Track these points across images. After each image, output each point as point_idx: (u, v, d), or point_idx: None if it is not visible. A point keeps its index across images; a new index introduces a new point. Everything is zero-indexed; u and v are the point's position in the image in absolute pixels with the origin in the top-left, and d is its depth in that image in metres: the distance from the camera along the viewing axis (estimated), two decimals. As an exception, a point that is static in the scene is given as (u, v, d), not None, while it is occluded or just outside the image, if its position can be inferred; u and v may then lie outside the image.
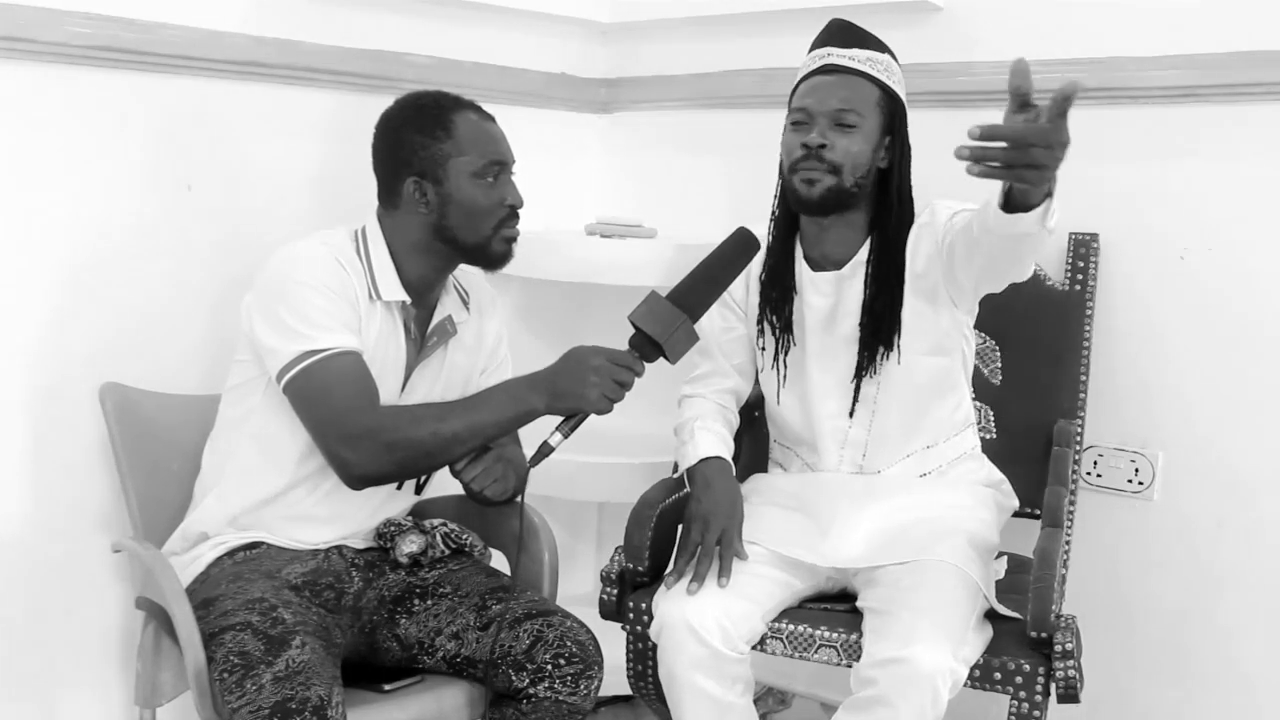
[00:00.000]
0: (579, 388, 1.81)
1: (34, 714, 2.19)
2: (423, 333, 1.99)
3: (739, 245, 1.90)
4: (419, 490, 2.08)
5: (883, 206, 2.03)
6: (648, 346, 1.83)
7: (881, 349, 2.01)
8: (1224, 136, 2.21)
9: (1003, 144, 1.54)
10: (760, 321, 2.11)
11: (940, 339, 2.04)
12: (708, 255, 1.89)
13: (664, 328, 1.81)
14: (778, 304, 2.08)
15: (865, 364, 2.03)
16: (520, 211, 1.96)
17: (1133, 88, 2.26)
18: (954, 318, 2.03)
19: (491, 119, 1.97)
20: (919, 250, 2.02)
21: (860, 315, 2.03)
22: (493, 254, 1.96)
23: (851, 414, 2.06)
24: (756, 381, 2.20)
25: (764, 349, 2.12)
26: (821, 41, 2.06)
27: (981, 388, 2.29)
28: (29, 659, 2.16)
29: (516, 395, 1.86)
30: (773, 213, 2.11)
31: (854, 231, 2.05)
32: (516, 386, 1.87)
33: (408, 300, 1.95)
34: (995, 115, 2.37)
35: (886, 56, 2.03)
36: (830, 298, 2.06)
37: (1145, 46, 2.24)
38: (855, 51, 2.01)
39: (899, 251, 2.02)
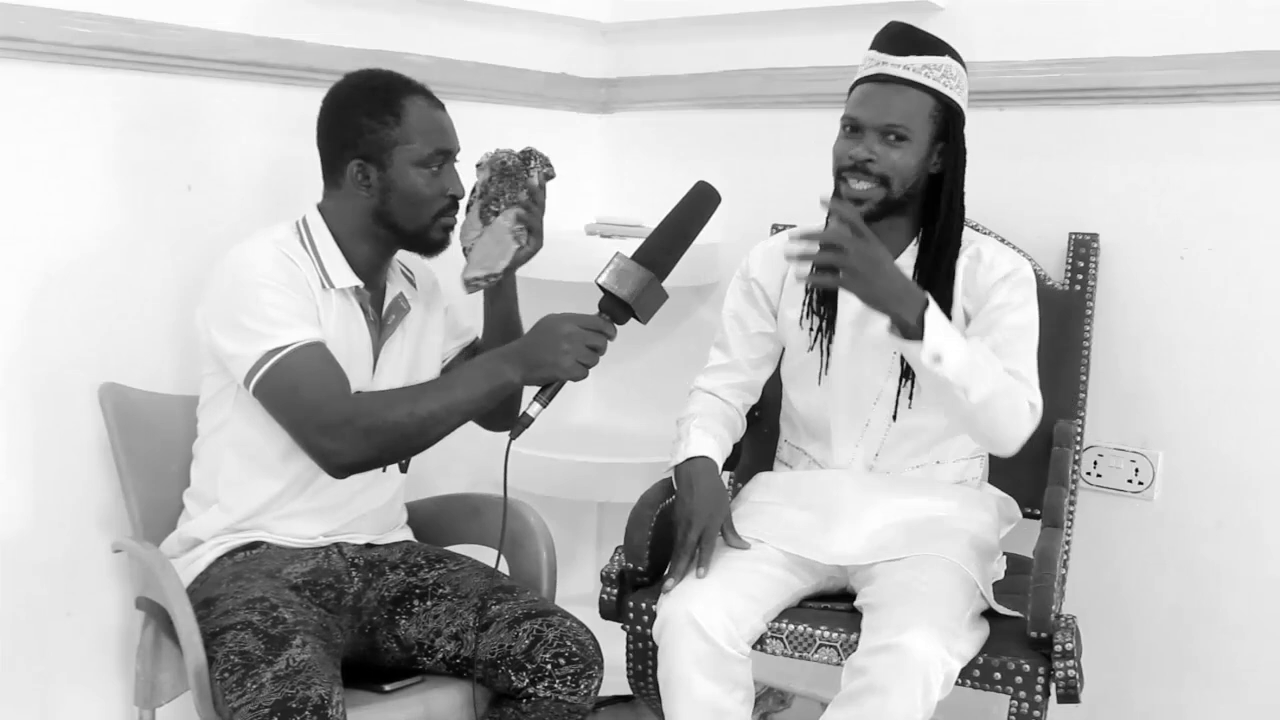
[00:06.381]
0: (553, 356, 1.80)
1: (34, 714, 2.19)
2: (380, 313, 2.00)
3: (700, 198, 1.88)
4: (404, 469, 2.09)
5: (932, 211, 2.02)
6: (618, 309, 1.82)
7: None
8: (1224, 136, 2.21)
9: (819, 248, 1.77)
10: (804, 315, 2.10)
11: None
12: (669, 212, 1.88)
13: (632, 288, 1.80)
14: (822, 299, 2.08)
15: (912, 372, 2.01)
16: (461, 201, 1.97)
17: (1133, 88, 2.26)
18: None
19: (441, 106, 1.96)
20: (961, 284, 2.01)
21: None
22: (430, 241, 1.96)
23: (896, 410, 2.05)
24: (775, 374, 2.21)
25: (809, 330, 2.10)
26: (879, 45, 2.01)
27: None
28: (29, 659, 2.16)
29: (491, 370, 1.85)
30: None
31: (899, 234, 2.04)
32: (490, 361, 1.86)
33: (361, 284, 1.95)
34: (995, 115, 2.40)
35: (946, 60, 1.98)
36: None
37: (1145, 46, 2.24)
38: (911, 59, 1.97)
39: (950, 259, 2.01)
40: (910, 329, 1.81)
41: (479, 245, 1.99)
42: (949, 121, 1.99)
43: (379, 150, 1.90)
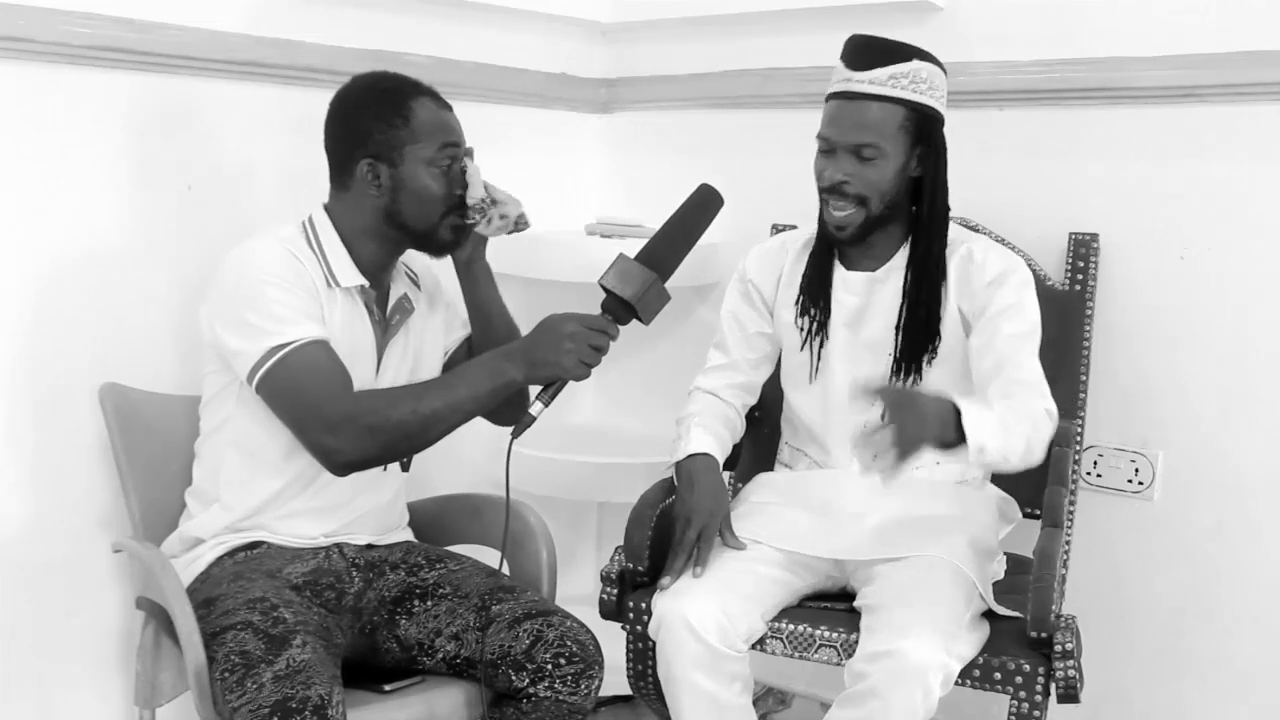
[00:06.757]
0: (555, 356, 1.81)
1: (34, 714, 2.19)
2: (384, 313, 2.00)
3: (703, 201, 1.89)
4: (405, 468, 2.09)
5: (919, 213, 2.02)
6: (620, 309, 1.82)
7: (922, 354, 2.01)
8: (1224, 136, 2.21)
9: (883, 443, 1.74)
10: (797, 316, 2.10)
11: (962, 358, 2.03)
12: (673, 214, 1.89)
13: (636, 289, 1.81)
14: (813, 301, 2.08)
15: (906, 368, 2.01)
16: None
17: (1133, 88, 2.26)
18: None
19: (449, 108, 1.97)
20: (955, 284, 2.01)
21: (897, 318, 2.02)
22: (439, 241, 1.97)
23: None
24: (775, 375, 2.21)
25: (801, 330, 2.10)
26: (844, 58, 2.00)
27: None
28: (29, 659, 2.16)
29: (494, 369, 1.85)
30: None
31: (890, 239, 2.04)
32: (493, 360, 1.87)
33: (366, 284, 1.95)
34: (995, 115, 2.40)
35: (913, 65, 1.95)
36: (861, 297, 2.06)
37: (1145, 46, 2.24)
38: (875, 73, 1.94)
39: (938, 261, 2.01)
40: (951, 444, 1.80)
41: (503, 194, 2.00)
42: (923, 126, 1.97)
43: (389, 150, 1.90)
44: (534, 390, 1.84)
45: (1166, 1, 2.23)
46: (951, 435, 1.79)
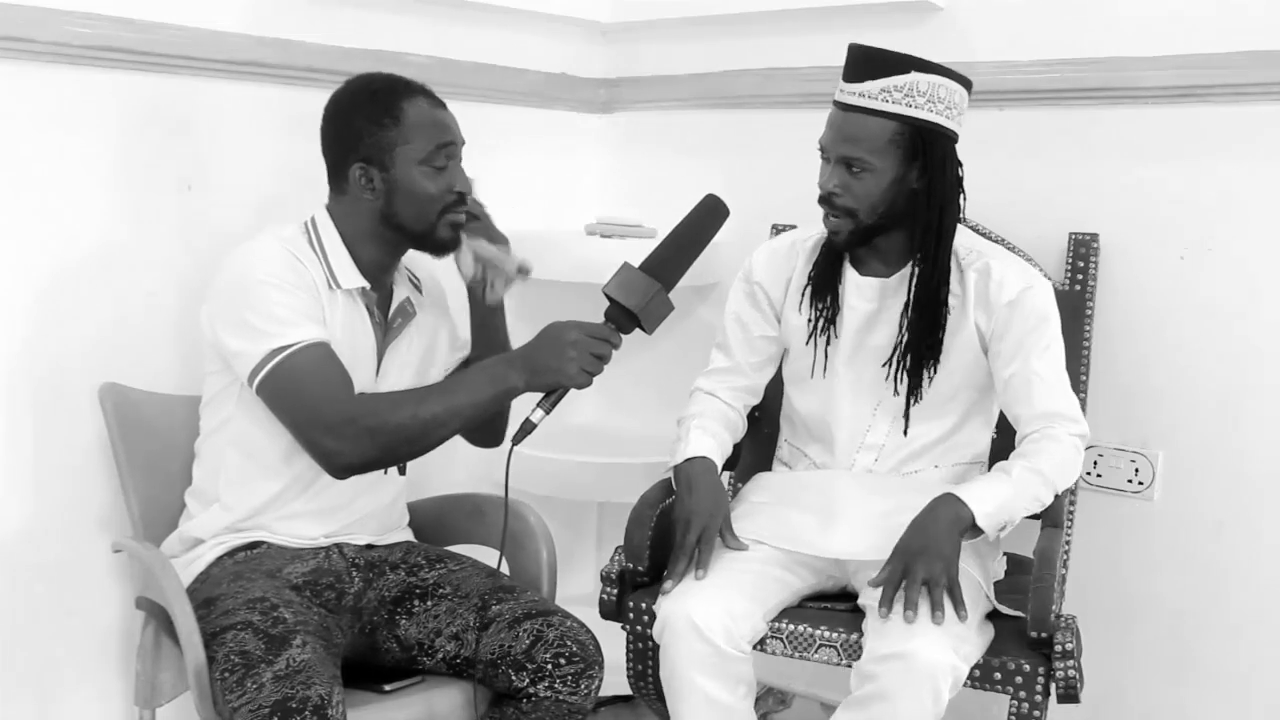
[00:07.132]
0: (557, 363, 1.81)
1: (33, 714, 2.19)
2: (385, 316, 2.00)
3: (708, 211, 1.90)
4: (402, 472, 2.09)
5: (919, 228, 1.98)
6: (623, 318, 1.83)
7: (925, 371, 2.01)
8: (1224, 136, 2.21)
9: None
10: (801, 307, 2.09)
11: (974, 371, 2.03)
12: (678, 223, 1.89)
13: (639, 298, 1.81)
14: (819, 296, 2.07)
15: (912, 386, 2.01)
16: (469, 197, 1.97)
17: (1133, 88, 2.26)
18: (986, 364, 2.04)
19: (442, 105, 1.96)
20: (974, 300, 2.00)
21: (898, 334, 2.01)
22: (438, 240, 1.96)
23: (901, 423, 2.05)
24: (776, 375, 2.21)
25: (808, 329, 2.09)
26: (843, 69, 1.97)
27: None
28: (29, 659, 2.16)
29: (495, 375, 1.85)
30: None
31: (899, 244, 2.02)
32: (495, 366, 1.87)
33: (367, 286, 1.95)
34: (995, 115, 2.40)
35: (911, 78, 1.90)
36: (873, 303, 2.05)
37: (1145, 46, 2.24)
38: (867, 85, 1.91)
39: (943, 277, 1.99)
40: (970, 532, 1.88)
41: (491, 251, 2.02)
42: (918, 140, 1.93)
43: (380, 152, 1.90)
44: (533, 398, 1.84)
45: (1167, 1, 2.23)
46: (967, 527, 1.86)
